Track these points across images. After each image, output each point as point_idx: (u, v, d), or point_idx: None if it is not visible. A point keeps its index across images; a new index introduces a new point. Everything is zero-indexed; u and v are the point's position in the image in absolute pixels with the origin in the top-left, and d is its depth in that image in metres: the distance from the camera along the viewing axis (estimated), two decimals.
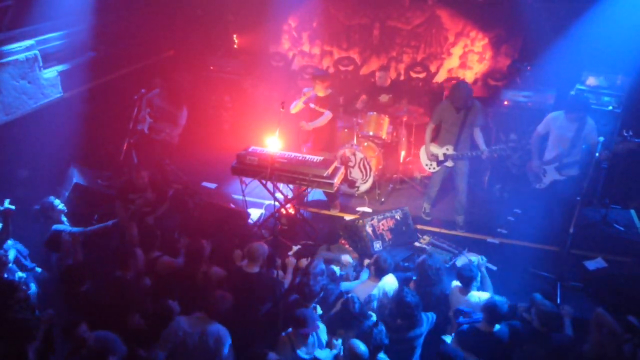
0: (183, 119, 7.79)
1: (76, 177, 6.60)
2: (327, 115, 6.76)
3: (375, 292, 4.84)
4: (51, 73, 6.62)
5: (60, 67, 6.80)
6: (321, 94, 6.77)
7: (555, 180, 6.39)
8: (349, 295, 4.50)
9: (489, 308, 4.24)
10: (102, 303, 4.54)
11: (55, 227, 5.45)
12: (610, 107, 7.18)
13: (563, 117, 6.15)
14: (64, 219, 5.66)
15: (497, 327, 4.28)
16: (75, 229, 5.50)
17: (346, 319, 4.33)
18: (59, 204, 5.64)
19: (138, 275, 4.85)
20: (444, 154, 6.60)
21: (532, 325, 4.34)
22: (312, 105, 6.82)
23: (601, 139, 5.46)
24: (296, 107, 6.78)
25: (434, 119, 6.65)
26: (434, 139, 6.74)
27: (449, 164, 6.62)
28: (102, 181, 7.06)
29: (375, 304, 4.75)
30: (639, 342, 4.13)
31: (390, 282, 4.91)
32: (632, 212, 7.29)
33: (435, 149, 6.65)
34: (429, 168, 6.88)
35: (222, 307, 4.24)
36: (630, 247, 6.54)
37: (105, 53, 7.62)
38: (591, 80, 7.42)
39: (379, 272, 4.91)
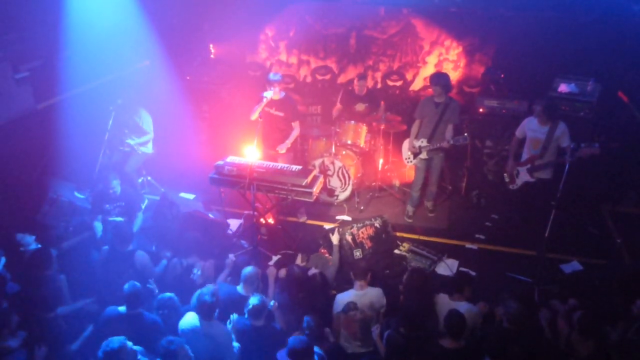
0: (146, 124, 7.42)
1: (52, 190, 6.49)
2: (296, 130, 7.02)
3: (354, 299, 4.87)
4: (24, 83, 6.50)
5: (33, 78, 6.68)
6: (276, 97, 6.77)
7: (527, 182, 6.52)
8: None
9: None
10: None
11: None
12: (582, 113, 7.35)
13: (535, 120, 6.37)
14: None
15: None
16: None
17: None
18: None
19: None
20: (419, 146, 6.92)
21: (503, 326, 4.39)
22: (270, 110, 6.82)
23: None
24: (255, 113, 6.72)
25: (417, 114, 7.00)
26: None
27: (423, 155, 6.95)
28: (79, 193, 6.96)
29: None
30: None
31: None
32: (605, 215, 7.45)
33: (414, 142, 7.00)
34: (408, 161, 7.26)
35: None
36: (603, 249, 6.67)
37: (80, 63, 7.50)
38: (563, 87, 7.57)
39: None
